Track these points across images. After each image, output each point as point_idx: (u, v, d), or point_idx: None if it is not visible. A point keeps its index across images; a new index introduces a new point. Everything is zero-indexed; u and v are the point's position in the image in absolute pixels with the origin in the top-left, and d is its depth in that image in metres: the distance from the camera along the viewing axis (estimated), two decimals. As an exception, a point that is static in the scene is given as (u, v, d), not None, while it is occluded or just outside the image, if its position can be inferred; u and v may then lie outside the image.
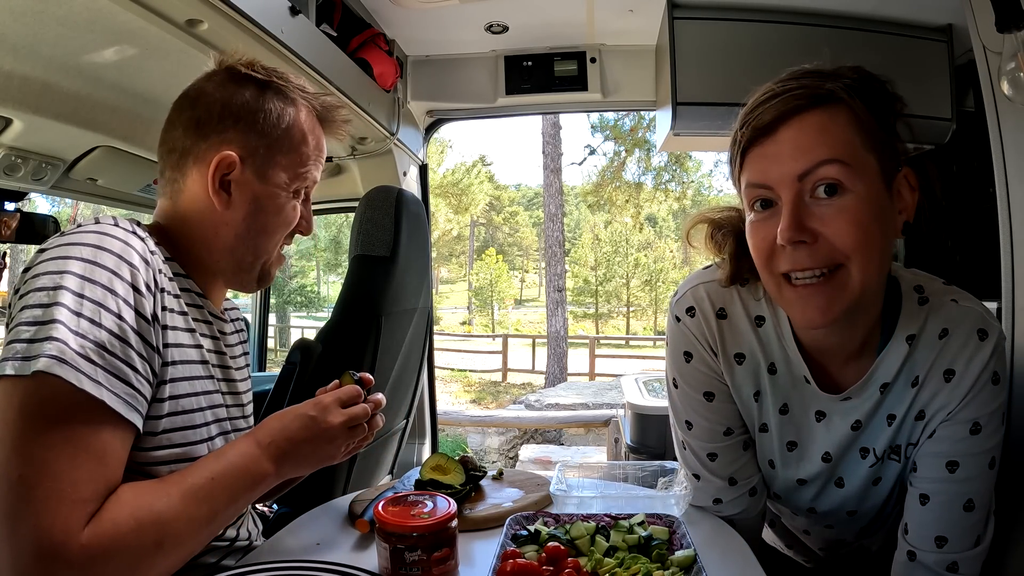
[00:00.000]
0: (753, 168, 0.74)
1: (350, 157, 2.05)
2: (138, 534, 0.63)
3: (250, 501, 0.77)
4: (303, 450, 0.79)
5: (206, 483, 0.70)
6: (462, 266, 28.86)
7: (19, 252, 8.96)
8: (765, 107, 0.72)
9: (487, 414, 8.23)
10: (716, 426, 0.90)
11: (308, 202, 0.91)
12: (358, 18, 1.72)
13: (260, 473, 0.75)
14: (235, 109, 0.82)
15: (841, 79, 0.72)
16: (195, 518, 0.68)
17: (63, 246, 0.68)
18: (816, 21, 1.68)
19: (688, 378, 0.90)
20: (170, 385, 0.74)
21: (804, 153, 0.70)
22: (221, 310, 0.94)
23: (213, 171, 0.80)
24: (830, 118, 0.70)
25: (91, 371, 0.62)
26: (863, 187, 0.70)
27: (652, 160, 13.34)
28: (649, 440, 2.16)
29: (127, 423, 0.65)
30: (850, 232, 0.69)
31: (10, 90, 1.22)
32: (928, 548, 0.80)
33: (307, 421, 0.80)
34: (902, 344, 0.80)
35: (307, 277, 21.19)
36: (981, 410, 0.78)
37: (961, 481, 0.79)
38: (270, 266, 0.90)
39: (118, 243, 0.70)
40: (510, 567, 0.70)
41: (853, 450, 0.87)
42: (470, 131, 59.25)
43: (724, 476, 0.92)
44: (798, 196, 0.71)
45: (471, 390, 13.20)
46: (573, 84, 2.05)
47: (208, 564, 0.82)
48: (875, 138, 0.72)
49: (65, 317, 0.62)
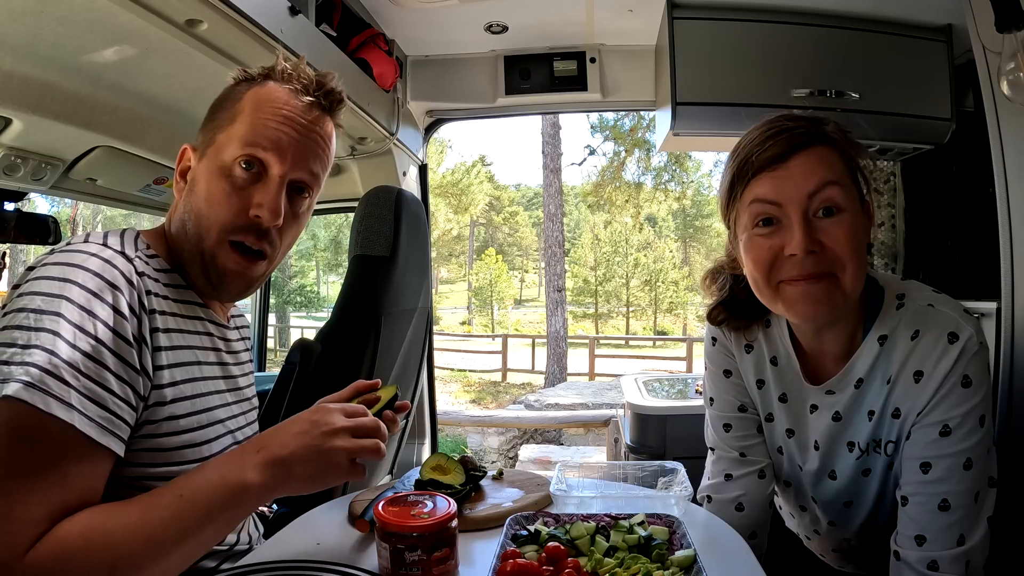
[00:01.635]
0: (764, 187, 0.85)
1: (350, 157, 2.05)
2: (86, 555, 0.59)
3: (236, 519, 0.69)
4: (298, 457, 0.69)
5: (172, 501, 0.64)
6: (462, 266, 28.87)
7: (19, 252, 8.96)
8: (777, 139, 0.85)
9: (487, 414, 8.22)
10: (733, 399, 1.05)
11: (270, 184, 0.80)
12: (358, 18, 1.72)
13: (240, 485, 0.67)
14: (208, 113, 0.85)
15: (826, 125, 0.87)
16: (157, 540, 0.62)
17: (48, 266, 0.68)
18: (816, 21, 1.68)
19: (713, 357, 1.07)
20: (172, 405, 0.74)
21: (814, 175, 0.83)
22: (227, 317, 0.93)
23: (176, 165, 0.84)
24: (828, 152, 0.85)
25: (63, 394, 0.61)
26: (853, 208, 0.84)
27: (652, 160, 13.37)
28: (649, 440, 2.16)
29: (100, 447, 0.63)
30: (847, 244, 0.82)
31: (10, 90, 1.22)
32: (909, 547, 0.83)
33: (303, 425, 0.72)
34: (874, 344, 0.89)
35: (307, 277, 21.19)
36: (949, 412, 0.82)
37: (935, 482, 0.82)
38: (214, 256, 0.80)
39: (102, 264, 0.69)
40: (510, 567, 0.70)
41: (840, 443, 0.95)
42: (470, 131, 59.23)
43: (736, 448, 1.04)
44: (804, 212, 0.83)
45: (471, 390, 13.20)
46: (573, 84, 2.05)
47: (207, 569, 0.82)
48: (854, 172, 0.87)
49: (43, 340, 0.62)
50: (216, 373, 0.86)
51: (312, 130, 0.83)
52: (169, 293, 0.79)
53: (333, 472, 0.71)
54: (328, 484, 0.72)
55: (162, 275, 0.79)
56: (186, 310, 0.82)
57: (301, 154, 0.81)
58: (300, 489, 0.71)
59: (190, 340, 0.81)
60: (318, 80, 0.84)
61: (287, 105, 0.81)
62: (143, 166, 1.69)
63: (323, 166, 0.86)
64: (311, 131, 0.82)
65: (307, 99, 0.82)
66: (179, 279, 0.83)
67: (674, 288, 21.73)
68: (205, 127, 0.84)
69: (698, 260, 23.73)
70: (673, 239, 24.28)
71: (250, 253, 0.81)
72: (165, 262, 0.81)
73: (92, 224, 14.10)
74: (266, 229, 0.80)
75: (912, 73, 1.69)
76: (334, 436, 0.71)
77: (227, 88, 0.85)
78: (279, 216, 0.80)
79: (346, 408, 0.75)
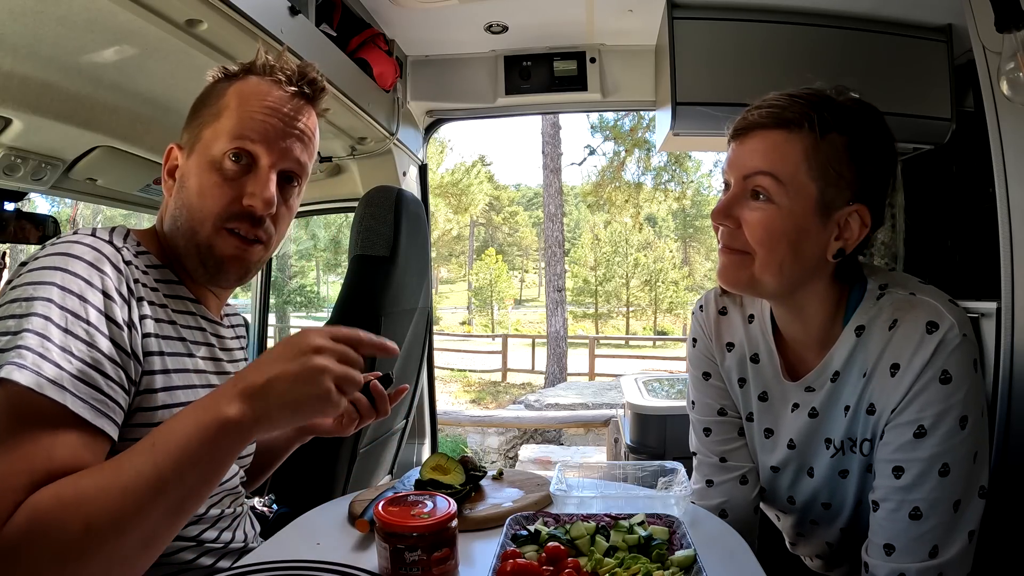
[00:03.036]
0: (726, 157, 0.88)
1: (350, 157, 2.05)
2: (59, 513, 0.56)
3: (219, 462, 0.62)
4: (279, 382, 0.62)
5: (145, 450, 0.60)
6: (462, 266, 28.86)
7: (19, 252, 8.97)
8: (747, 115, 0.84)
9: (487, 414, 8.22)
10: (712, 402, 1.04)
11: (261, 174, 0.80)
12: (358, 18, 1.72)
13: (216, 421, 0.60)
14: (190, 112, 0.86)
15: (823, 111, 0.80)
16: (132, 491, 0.57)
17: (39, 259, 0.69)
18: (816, 21, 1.68)
19: (693, 360, 1.06)
20: (163, 394, 0.74)
21: (753, 160, 0.82)
22: (221, 315, 0.93)
23: (163, 165, 0.86)
24: (785, 140, 0.80)
25: (56, 376, 0.61)
26: (787, 204, 0.80)
27: (652, 160, 13.35)
28: (649, 440, 2.16)
29: (93, 428, 0.63)
30: (758, 232, 0.82)
31: (10, 90, 1.22)
32: (878, 557, 0.79)
33: (282, 346, 0.64)
34: (851, 335, 0.86)
35: (307, 277, 21.18)
36: (925, 411, 0.77)
37: (906, 488, 0.77)
38: (211, 245, 0.80)
39: (89, 251, 0.71)
40: (510, 567, 0.70)
41: (817, 440, 0.92)
42: (470, 131, 59.22)
43: (716, 453, 1.02)
44: (739, 190, 0.84)
45: (471, 390, 13.19)
46: (573, 84, 2.05)
47: (203, 567, 0.82)
48: (825, 171, 0.80)
49: (35, 325, 0.63)
50: (210, 368, 0.86)
51: (298, 119, 0.84)
52: (160, 287, 0.80)
53: (317, 398, 0.62)
54: (313, 413, 0.64)
55: (153, 270, 0.81)
56: (178, 304, 0.83)
57: (289, 144, 0.82)
58: (282, 418, 0.63)
59: (181, 333, 0.82)
60: (300, 70, 0.85)
61: (272, 97, 0.82)
62: (143, 166, 1.69)
63: (310, 155, 0.87)
64: (297, 121, 0.84)
65: (291, 89, 0.83)
66: (170, 275, 0.84)
67: (674, 288, 21.73)
68: (189, 125, 0.85)
69: (698, 260, 23.75)
70: (673, 239, 24.27)
71: (246, 239, 0.82)
72: (156, 258, 0.83)
73: (92, 224, 14.10)
74: (260, 217, 0.81)
75: (912, 73, 1.69)
76: (316, 354, 0.63)
77: (208, 86, 0.86)
78: (272, 205, 0.81)
79: (330, 330, 0.67)
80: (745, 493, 1.00)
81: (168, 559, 0.78)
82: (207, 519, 0.84)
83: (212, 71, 0.87)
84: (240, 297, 6.63)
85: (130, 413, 0.71)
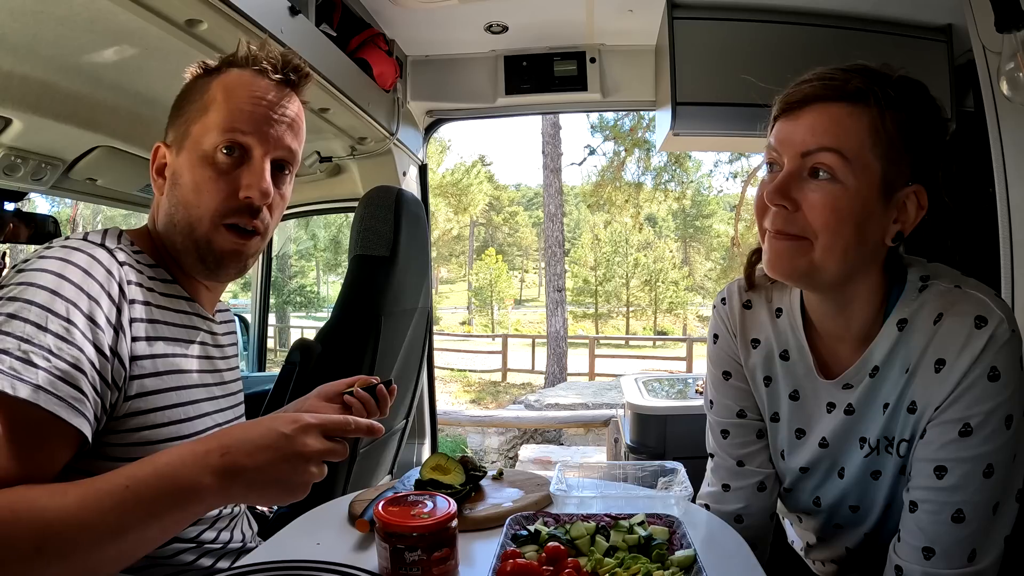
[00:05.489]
0: (774, 134, 0.81)
1: (350, 157, 2.05)
2: (12, 528, 0.55)
3: (183, 522, 0.64)
4: (263, 472, 0.64)
5: (117, 490, 0.59)
6: (462, 266, 28.86)
7: (18, 252, 8.97)
8: (800, 87, 0.78)
9: (487, 414, 8.22)
10: (731, 404, 0.98)
11: (255, 165, 0.81)
12: (358, 18, 1.72)
13: (193, 486, 0.61)
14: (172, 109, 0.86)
15: (885, 86, 0.75)
16: (92, 527, 0.57)
17: (31, 260, 0.71)
18: (816, 21, 1.68)
19: (713, 357, 1.00)
20: (156, 396, 0.74)
21: (813, 136, 0.75)
22: (214, 312, 0.94)
23: (151, 163, 0.86)
24: (848, 114, 0.75)
25: (31, 376, 0.61)
26: (854, 183, 0.74)
27: (652, 160, 13.35)
28: (649, 440, 2.16)
29: (67, 425, 0.63)
30: (823, 214, 0.75)
31: (10, 90, 1.22)
32: (914, 560, 0.75)
33: (277, 438, 0.65)
34: (892, 329, 0.80)
35: (307, 277, 21.17)
36: (972, 408, 0.73)
37: (950, 489, 0.74)
38: (210, 241, 0.81)
39: (81, 256, 0.71)
40: (510, 567, 0.70)
41: (851, 439, 0.87)
42: (470, 131, 59.13)
43: (734, 456, 0.97)
44: (796, 169, 0.77)
45: (471, 390, 13.20)
46: (573, 84, 2.05)
47: (202, 568, 0.82)
48: (889, 149, 0.75)
49: (14, 328, 0.63)
50: (204, 367, 0.86)
51: (286, 107, 0.84)
52: (155, 286, 0.80)
53: (293, 494, 0.67)
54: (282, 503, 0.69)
55: (147, 269, 0.81)
56: (173, 304, 0.83)
57: (279, 132, 0.83)
58: (251, 501, 0.68)
59: (176, 333, 0.82)
60: (284, 57, 0.85)
61: (258, 87, 0.82)
62: (143, 166, 1.69)
63: (299, 142, 0.88)
64: (285, 108, 0.84)
65: (276, 77, 0.84)
66: (165, 274, 0.84)
67: (674, 288, 21.73)
68: (174, 123, 0.85)
69: (698, 260, 23.72)
70: (673, 239, 24.25)
71: (244, 232, 0.83)
72: (150, 257, 0.83)
73: (92, 224, 14.10)
74: (258, 208, 0.82)
75: (912, 73, 1.69)
76: (307, 461, 0.66)
77: (188, 83, 0.86)
78: (269, 195, 0.82)
79: (325, 425, 0.68)
80: (763, 501, 0.96)
81: (168, 561, 0.79)
82: (206, 520, 0.84)
83: (191, 67, 0.86)
84: (240, 297, 6.62)
85: (125, 417, 0.71)
